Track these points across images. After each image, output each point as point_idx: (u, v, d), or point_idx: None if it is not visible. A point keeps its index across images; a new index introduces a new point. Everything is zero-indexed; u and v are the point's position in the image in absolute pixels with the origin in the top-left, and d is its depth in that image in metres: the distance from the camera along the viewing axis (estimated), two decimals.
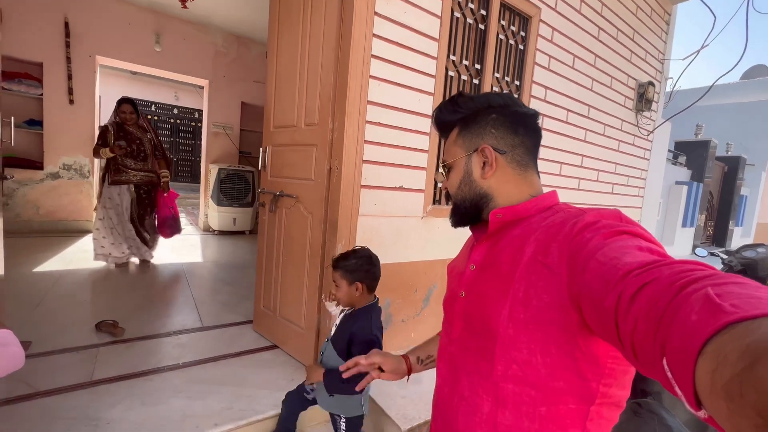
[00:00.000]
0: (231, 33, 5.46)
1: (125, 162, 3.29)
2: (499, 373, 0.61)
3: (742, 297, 0.31)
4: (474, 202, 0.71)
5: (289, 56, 2.09)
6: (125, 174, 3.31)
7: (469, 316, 0.68)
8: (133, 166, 3.33)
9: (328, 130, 1.84)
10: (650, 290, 0.38)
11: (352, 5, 1.72)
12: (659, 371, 0.35)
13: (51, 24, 4.29)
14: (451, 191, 0.75)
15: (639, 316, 0.38)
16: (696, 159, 5.92)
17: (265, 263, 2.30)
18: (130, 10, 4.69)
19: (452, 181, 0.74)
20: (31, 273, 3.06)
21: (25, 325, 2.14)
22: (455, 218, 0.75)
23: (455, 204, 0.74)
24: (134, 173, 3.34)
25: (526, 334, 0.57)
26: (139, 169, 3.37)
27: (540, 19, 2.58)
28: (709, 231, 7.28)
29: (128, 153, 3.30)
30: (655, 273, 0.40)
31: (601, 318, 0.45)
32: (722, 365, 0.27)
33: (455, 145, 0.73)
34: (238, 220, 5.49)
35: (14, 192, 4.31)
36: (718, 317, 0.30)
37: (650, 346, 0.36)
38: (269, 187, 2.23)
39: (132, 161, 3.33)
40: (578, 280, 0.50)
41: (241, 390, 1.74)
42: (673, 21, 3.99)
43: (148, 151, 3.42)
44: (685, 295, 0.35)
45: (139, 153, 3.36)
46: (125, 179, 3.30)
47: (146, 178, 3.44)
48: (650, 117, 3.92)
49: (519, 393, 0.59)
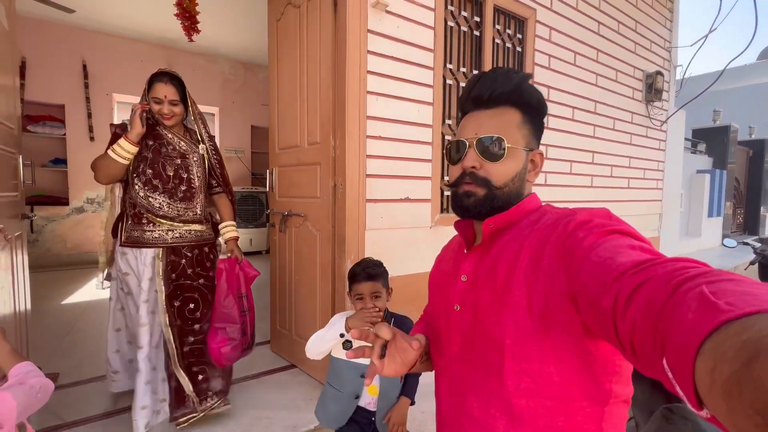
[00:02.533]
0: (237, 60, 5.66)
1: (151, 200, 1.62)
2: (511, 389, 0.58)
3: (736, 294, 0.31)
4: (512, 201, 0.64)
5: (290, 79, 2.15)
6: (150, 227, 1.63)
7: (469, 331, 0.64)
8: (166, 209, 1.65)
9: (330, 147, 1.87)
10: (646, 290, 0.38)
11: (345, 25, 1.76)
12: (660, 371, 0.34)
13: (70, 67, 4.55)
14: (499, 179, 0.63)
15: (637, 316, 0.38)
16: (717, 146, 5.70)
17: (278, 283, 2.33)
18: (141, 48, 4.93)
19: (508, 169, 0.63)
20: (59, 305, 3.18)
21: (53, 357, 2.22)
22: (477, 210, 0.64)
23: (494, 195, 0.63)
24: (168, 224, 1.66)
25: (536, 343, 0.55)
26: (177, 215, 1.67)
27: (536, 20, 2.57)
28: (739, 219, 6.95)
29: (155, 185, 1.64)
30: (650, 272, 0.40)
31: (599, 319, 0.44)
32: (720, 363, 0.27)
33: (519, 131, 0.64)
34: (254, 240, 5.59)
35: (43, 228, 4.52)
36: (714, 316, 0.30)
37: (649, 346, 0.36)
38: (278, 208, 2.26)
39: (165, 199, 1.65)
40: (575, 281, 0.49)
41: (260, 412, 1.74)
42: (677, 8, 3.91)
43: (196, 180, 1.72)
44: (681, 293, 0.34)
45: (176, 182, 1.67)
46: (149, 237, 1.63)
47: (191, 236, 1.71)
48: (662, 107, 3.82)
49: (534, 406, 0.57)
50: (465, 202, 0.64)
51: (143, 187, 1.61)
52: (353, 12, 1.77)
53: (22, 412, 0.80)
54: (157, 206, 1.62)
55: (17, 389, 0.81)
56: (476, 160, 0.63)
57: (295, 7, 2.06)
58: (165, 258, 1.64)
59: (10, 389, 0.80)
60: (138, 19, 4.34)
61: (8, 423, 0.75)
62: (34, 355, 1.77)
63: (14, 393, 0.79)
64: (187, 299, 1.67)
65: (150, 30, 4.62)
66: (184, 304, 1.66)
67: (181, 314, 1.64)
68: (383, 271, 1.27)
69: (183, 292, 1.66)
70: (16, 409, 0.77)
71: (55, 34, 4.42)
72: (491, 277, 0.61)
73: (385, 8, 1.85)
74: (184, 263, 1.68)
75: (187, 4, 3.35)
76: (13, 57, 1.63)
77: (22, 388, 0.82)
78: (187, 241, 1.69)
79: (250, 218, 5.54)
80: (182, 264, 1.68)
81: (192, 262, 1.70)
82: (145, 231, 1.63)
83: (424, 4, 2.03)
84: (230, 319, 1.69)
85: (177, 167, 1.67)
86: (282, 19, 2.18)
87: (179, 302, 1.65)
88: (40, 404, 0.89)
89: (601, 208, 0.57)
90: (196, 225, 1.71)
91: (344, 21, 1.76)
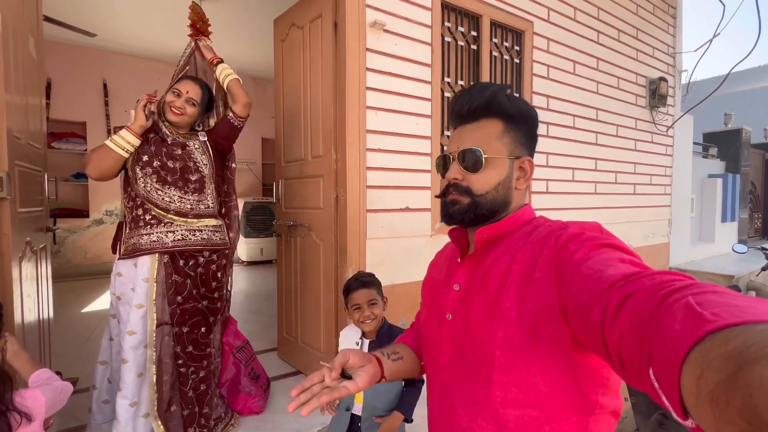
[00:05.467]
0: (248, 75, 5.85)
1: (161, 194, 1.48)
2: (498, 400, 0.59)
3: (721, 305, 0.32)
4: (497, 208, 0.66)
5: (294, 96, 2.25)
6: (147, 229, 1.47)
7: (459, 341, 0.65)
8: (178, 203, 1.50)
9: (332, 160, 1.95)
10: (633, 301, 0.39)
11: (345, 45, 1.85)
12: (646, 382, 0.35)
13: (92, 87, 4.80)
14: (480, 188, 0.65)
15: (624, 328, 0.39)
16: (728, 149, 5.60)
17: (284, 291, 2.41)
18: (158, 66, 5.16)
19: (489, 178, 0.65)
20: (80, 313, 3.33)
21: (74, 362, 2.34)
22: (461, 217, 0.66)
23: (477, 203, 0.65)
24: (182, 221, 1.50)
25: (524, 355, 0.56)
26: (190, 209, 1.52)
27: (533, 31, 2.63)
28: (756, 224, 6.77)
29: (164, 177, 1.50)
30: (637, 284, 0.41)
31: (588, 331, 0.45)
32: (707, 372, 0.28)
33: (499, 141, 0.66)
34: (265, 249, 5.71)
35: (65, 240, 4.73)
36: (700, 326, 0.31)
37: (636, 357, 0.37)
38: (284, 219, 2.35)
39: (176, 192, 1.50)
40: (565, 293, 0.51)
41: (265, 416, 1.81)
42: (679, 14, 3.91)
43: (203, 168, 1.58)
44: (668, 305, 0.35)
45: (185, 173, 1.53)
46: (146, 242, 1.46)
47: (196, 239, 1.53)
48: (667, 112, 3.80)
49: (521, 416, 0.58)
50: (450, 210, 0.67)
51: (154, 181, 1.46)
52: (352, 32, 1.87)
53: (50, 409, 0.90)
54: (168, 200, 1.47)
55: (46, 388, 0.91)
56: (459, 172, 0.66)
57: (299, 28, 2.17)
58: (163, 277, 1.43)
59: (40, 388, 0.90)
60: (154, 40, 4.57)
61: (39, 417, 0.86)
62: (56, 361, 1.87)
63: (44, 391, 0.90)
64: (197, 323, 1.51)
65: (165, 49, 4.84)
66: (196, 325, 1.52)
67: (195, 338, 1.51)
68: (377, 280, 1.33)
69: (190, 318, 1.49)
70: (45, 405, 0.87)
71: (77, 56, 4.68)
72: (483, 288, 0.63)
73: (382, 27, 1.94)
74: (201, 270, 1.53)
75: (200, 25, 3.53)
76: (41, 83, 1.77)
77: (50, 387, 0.93)
78: (191, 245, 1.48)
79: (261, 228, 5.67)
80: (199, 270, 1.52)
81: (197, 282, 1.52)
82: (142, 235, 1.44)
83: (421, 22, 2.11)
84: (246, 386, 1.74)
85: (181, 157, 1.53)
86: (287, 40, 2.30)
87: (187, 327, 1.50)
88: (62, 404, 0.99)
89: (593, 221, 0.59)
90: (211, 219, 1.57)
91: (344, 41, 1.86)
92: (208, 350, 1.58)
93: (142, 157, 1.47)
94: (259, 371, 1.87)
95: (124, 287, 1.50)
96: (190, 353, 1.52)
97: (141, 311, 1.45)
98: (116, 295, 1.52)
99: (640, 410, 1.70)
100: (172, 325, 1.48)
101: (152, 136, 1.53)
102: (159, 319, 1.45)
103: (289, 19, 2.27)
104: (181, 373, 1.51)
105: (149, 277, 1.45)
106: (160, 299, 1.46)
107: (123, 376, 1.42)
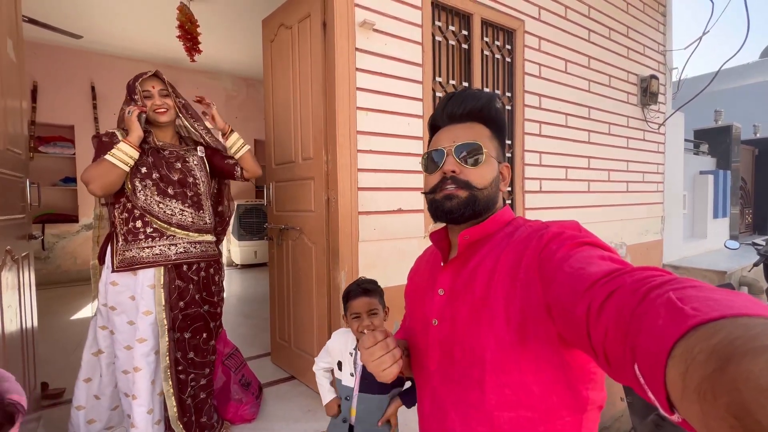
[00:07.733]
0: (239, 77, 5.80)
1: (162, 206, 1.48)
2: (492, 402, 0.59)
3: (700, 300, 0.32)
4: (490, 205, 0.67)
5: (283, 97, 2.22)
6: (148, 242, 1.45)
7: (448, 345, 0.65)
8: (179, 216, 1.50)
9: (322, 162, 1.92)
10: (616, 298, 0.40)
11: (334, 45, 1.83)
12: (632, 378, 0.35)
13: (79, 89, 4.72)
14: (480, 182, 0.66)
15: (609, 325, 0.39)
16: (719, 146, 5.64)
17: (277, 296, 2.37)
18: (146, 68, 5.01)
19: (485, 173, 0.66)
20: (68, 321, 3.26)
21: (62, 371, 2.28)
22: (460, 211, 0.65)
23: (476, 197, 0.65)
24: (183, 234, 1.50)
25: (515, 355, 0.56)
26: (191, 223, 1.52)
27: (524, 30, 2.62)
28: (747, 219, 6.84)
29: (164, 189, 1.49)
30: (619, 281, 0.41)
31: (573, 328, 0.46)
32: (692, 367, 0.28)
33: (490, 142, 0.68)
34: (259, 252, 5.66)
35: (54, 245, 4.65)
36: (682, 321, 0.31)
37: (621, 353, 0.37)
38: (275, 222, 2.32)
39: (178, 205, 1.50)
40: (549, 291, 0.51)
41: (257, 424, 1.77)
42: (669, 12, 3.93)
43: (201, 185, 1.58)
44: (650, 301, 0.36)
45: (184, 187, 1.52)
46: (148, 255, 1.45)
47: (197, 251, 1.54)
48: (658, 110, 3.82)
49: (516, 418, 0.58)
50: (447, 205, 0.65)
51: (154, 194, 1.44)
52: (341, 32, 1.84)
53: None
54: (169, 213, 1.46)
55: None
56: (456, 165, 0.66)
57: (287, 28, 2.14)
58: (167, 282, 1.44)
59: None
60: (142, 42, 4.50)
61: None
62: (43, 369, 1.83)
63: None
64: (199, 328, 1.52)
65: (154, 51, 4.78)
66: (197, 333, 1.51)
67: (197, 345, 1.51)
68: (379, 288, 1.25)
69: (192, 323, 1.49)
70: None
71: (64, 59, 4.60)
72: (469, 291, 0.63)
73: (372, 27, 1.92)
74: (203, 282, 1.55)
75: (188, 27, 3.48)
76: (22, 86, 1.72)
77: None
78: (193, 257, 1.51)
79: (254, 231, 5.61)
80: (200, 279, 1.54)
81: (199, 286, 1.54)
82: (143, 248, 1.43)
83: (411, 21, 2.09)
84: (237, 394, 1.72)
85: (180, 171, 1.52)
86: (275, 40, 2.27)
87: (189, 333, 1.49)
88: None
89: (571, 220, 0.60)
90: (208, 236, 1.58)
91: (333, 40, 1.83)
92: (209, 357, 1.58)
93: (140, 169, 1.46)
94: (250, 378, 1.83)
95: (120, 296, 1.46)
96: (191, 360, 1.51)
97: (150, 318, 1.44)
98: (109, 305, 1.48)
99: (637, 411, 1.69)
100: (174, 330, 1.47)
101: (148, 147, 1.52)
102: (168, 325, 1.46)
103: (277, 20, 2.23)
104: (180, 380, 1.49)
105: (155, 283, 1.45)
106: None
107: (137, 384, 1.42)
